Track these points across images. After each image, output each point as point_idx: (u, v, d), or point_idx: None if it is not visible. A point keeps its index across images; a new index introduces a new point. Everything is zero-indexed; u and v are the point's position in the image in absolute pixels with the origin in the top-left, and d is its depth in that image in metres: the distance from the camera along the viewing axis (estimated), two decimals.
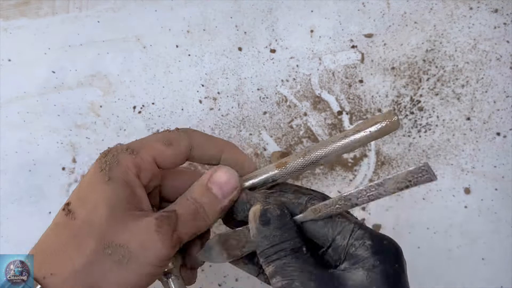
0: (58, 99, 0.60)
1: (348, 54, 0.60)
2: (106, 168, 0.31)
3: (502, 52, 0.58)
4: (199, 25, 0.61)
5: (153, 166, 0.33)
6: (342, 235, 0.30)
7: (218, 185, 0.33)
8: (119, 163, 0.31)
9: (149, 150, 0.33)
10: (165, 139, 0.33)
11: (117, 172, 0.31)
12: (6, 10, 0.62)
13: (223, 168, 0.34)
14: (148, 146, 0.33)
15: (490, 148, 0.56)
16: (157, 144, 0.33)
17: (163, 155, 0.33)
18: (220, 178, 0.33)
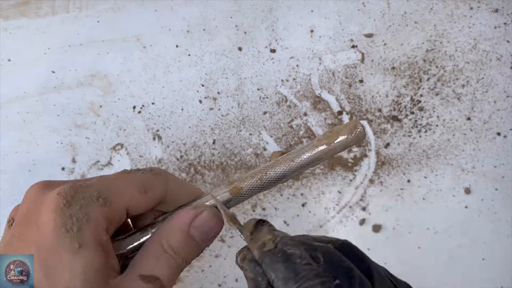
0: (58, 99, 0.60)
1: (348, 54, 0.59)
2: (73, 228, 0.24)
3: (503, 52, 0.58)
4: (199, 25, 0.61)
5: (123, 217, 0.28)
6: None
7: (201, 231, 0.28)
8: (89, 219, 0.25)
9: (122, 199, 0.27)
10: (141, 185, 0.28)
11: (88, 234, 0.25)
12: (6, 10, 0.62)
13: (208, 210, 0.29)
14: (121, 194, 0.27)
15: (491, 148, 0.56)
16: (132, 190, 0.28)
17: (137, 204, 0.28)
18: (205, 223, 0.28)
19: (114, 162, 0.58)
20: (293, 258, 0.24)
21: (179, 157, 0.58)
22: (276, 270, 0.24)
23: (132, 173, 0.29)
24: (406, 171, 0.56)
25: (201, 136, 0.58)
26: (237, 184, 0.30)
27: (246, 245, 0.27)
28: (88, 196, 0.26)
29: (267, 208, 0.56)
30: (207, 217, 0.29)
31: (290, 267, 0.24)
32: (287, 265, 0.24)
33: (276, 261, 0.24)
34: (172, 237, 0.28)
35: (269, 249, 0.25)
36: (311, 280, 0.23)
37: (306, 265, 0.24)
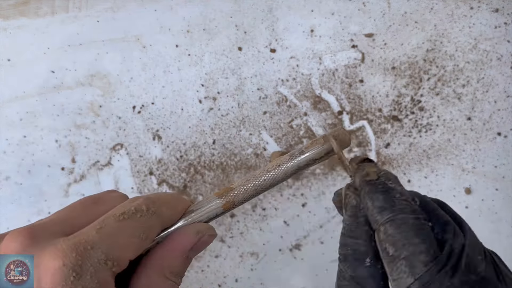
0: (57, 99, 0.60)
1: (348, 53, 0.59)
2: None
3: (503, 52, 0.58)
4: (199, 24, 0.61)
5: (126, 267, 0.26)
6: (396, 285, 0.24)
7: (198, 251, 0.28)
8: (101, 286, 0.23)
9: (128, 253, 0.25)
10: (142, 232, 0.26)
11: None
12: (6, 10, 0.62)
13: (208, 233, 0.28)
14: (126, 248, 0.25)
15: (491, 148, 0.56)
16: (135, 241, 0.26)
17: (139, 251, 0.26)
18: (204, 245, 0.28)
19: (114, 162, 0.58)
20: (392, 192, 0.25)
21: (179, 157, 0.58)
22: (374, 198, 0.25)
23: (131, 218, 0.26)
24: (406, 171, 0.56)
25: (201, 136, 0.58)
26: (230, 199, 0.30)
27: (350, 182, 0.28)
28: (96, 262, 0.23)
29: (267, 208, 0.56)
30: (207, 240, 0.28)
31: (388, 198, 0.25)
32: (385, 196, 0.25)
33: (375, 191, 0.25)
34: (174, 262, 0.27)
35: (371, 178, 0.26)
36: (406, 214, 0.24)
37: (404, 200, 0.24)
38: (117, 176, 0.58)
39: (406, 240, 0.23)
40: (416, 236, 0.23)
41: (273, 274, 0.55)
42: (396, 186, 0.25)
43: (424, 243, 0.23)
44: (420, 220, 0.24)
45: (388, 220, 0.24)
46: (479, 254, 0.24)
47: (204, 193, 0.57)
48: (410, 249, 0.23)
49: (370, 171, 0.26)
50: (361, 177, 0.26)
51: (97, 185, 0.58)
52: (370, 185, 0.26)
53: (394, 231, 0.23)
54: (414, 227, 0.23)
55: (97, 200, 0.28)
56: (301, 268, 0.55)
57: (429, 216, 0.25)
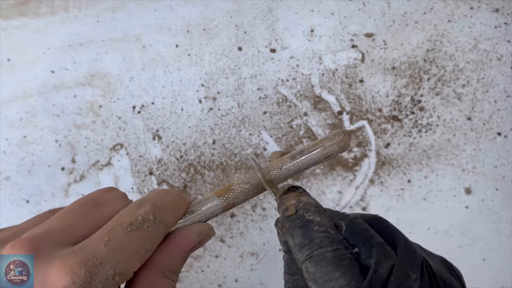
0: (57, 99, 0.60)
1: (348, 53, 0.59)
2: None
3: (503, 52, 0.58)
4: (199, 24, 0.61)
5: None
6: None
7: (196, 249, 0.28)
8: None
9: (134, 265, 0.25)
10: (149, 245, 0.26)
11: None
12: (5, 9, 0.62)
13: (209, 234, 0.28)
14: (133, 260, 0.25)
15: (491, 148, 0.56)
16: (142, 252, 0.26)
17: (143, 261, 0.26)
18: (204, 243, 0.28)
19: (114, 162, 0.58)
20: (310, 225, 0.24)
21: (179, 157, 0.58)
22: (293, 235, 0.24)
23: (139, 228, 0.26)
24: (406, 171, 0.56)
25: (201, 136, 0.58)
26: (230, 201, 0.30)
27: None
28: (104, 277, 0.23)
29: (267, 208, 0.56)
30: (207, 241, 0.28)
31: (306, 233, 0.24)
32: (303, 232, 0.24)
33: (294, 227, 0.25)
34: (174, 262, 0.27)
35: (289, 214, 0.25)
36: (324, 248, 0.23)
37: (323, 232, 0.24)
38: (117, 176, 0.58)
39: (327, 276, 0.22)
40: (336, 269, 0.22)
41: (273, 274, 0.55)
42: (315, 217, 0.25)
43: (344, 276, 0.22)
44: (339, 251, 0.23)
45: (307, 258, 0.23)
46: (413, 272, 0.23)
47: (204, 193, 0.57)
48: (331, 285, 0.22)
49: (289, 205, 0.26)
50: (282, 212, 0.26)
51: (97, 185, 0.58)
52: (290, 221, 0.25)
53: (314, 268, 0.23)
54: (333, 260, 0.23)
55: (97, 202, 0.27)
56: None
57: (356, 241, 0.24)
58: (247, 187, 0.30)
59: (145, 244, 0.25)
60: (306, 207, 0.25)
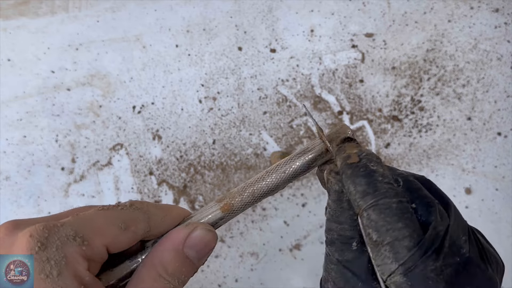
0: (57, 99, 0.60)
1: (348, 53, 0.59)
2: (53, 272, 0.23)
3: (503, 52, 0.58)
4: (199, 24, 0.61)
5: (104, 255, 0.26)
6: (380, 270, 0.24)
7: (197, 250, 0.27)
8: (67, 261, 0.24)
9: (102, 237, 0.26)
10: (121, 222, 0.26)
11: (69, 277, 0.23)
12: (6, 10, 0.62)
13: (201, 227, 0.28)
14: (101, 232, 0.26)
15: (491, 148, 0.56)
16: (112, 228, 0.26)
17: (118, 241, 0.26)
18: (200, 241, 0.27)
19: (114, 162, 0.58)
20: (375, 175, 0.24)
21: (179, 157, 0.58)
22: (356, 183, 0.24)
23: (111, 209, 0.27)
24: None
25: (201, 136, 0.58)
26: (228, 201, 0.29)
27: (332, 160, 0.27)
28: (64, 236, 0.24)
29: (267, 208, 0.56)
30: (201, 234, 0.27)
31: (371, 182, 0.24)
32: (368, 180, 0.24)
33: (357, 175, 0.24)
34: (166, 259, 0.27)
35: (352, 161, 0.25)
36: (389, 198, 0.23)
37: (387, 184, 0.24)
38: (117, 176, 0.58)
39: (390, 226, 0.23)
40: (399, 221, 0.23)
41: (273, 274, 0.55)
42: (379, 168, 0.25)
43: (407, 228, 0.22)
44: (403, 204, 0.23)
45: (371, 206, 0.23)
46: (463, 235, 0.24)
47: (204, 193, 0.57)
48: (394, 234, 0.22)
49: (351, 153, 0.26)
50: (342, 159, 0.26)
51: (97, 185, 0.58)
52: (352, 169, 0.25)
53: (377, 217, 0.23)
54: (397, 212, 0.23)
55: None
56: (301, 268, 0.55)
57: (412, 198, 0.24)
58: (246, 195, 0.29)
59: (116, 221, 0.26)
60: (369, 157, 0.25)
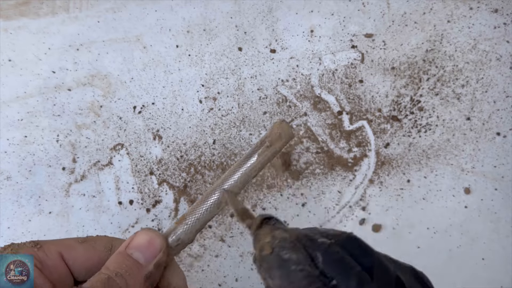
0: (58, 99, 0.60)
1: (348, 54, 0.60)
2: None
3: (502, 52, 0.58)
4: (199, 25, 0.61)
5: (59, 264, 0.28)
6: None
7: (139, 249, 0.28)
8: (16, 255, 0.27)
9: (56, 244, 0.28)
10: (80, 238, 0.29)
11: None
12: (6, 10, 0.62)
13: (143, 230, 0.30)
14: (57, 242, 0.28)
15: (490, 148, 0.56)
16: (69, 240, 0.29)
17: (73, 252, 0.28)
18: (139, 241, 0.29)
19: (115, 162, 0.59)
20: (288, 264, 0.24)
21: (179, 157, 0.58)
22: (272, 275, 0.24)
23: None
24: (406, 171, 0.56)
25: (201, 136, 0.59)
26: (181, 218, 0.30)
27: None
28: (22, 243, 0.27)
29: (267, 208, 0.56)
30: (141, 235, 0.29)
31: (284, 274, 0.24)
32: (281, 272, 0.24)
33: (271, 267, 0.24)
34: (110, 260, 0.28)
35: (266, 254, 0.25)
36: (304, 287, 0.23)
37: (301, 271, 0.23)
38: (117, 176, 0.58)
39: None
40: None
41: None
42: (291, 255, 0.24)
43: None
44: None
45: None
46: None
47: (204, 192, 0.57)
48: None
49: (264, 243, 0.25)
50: (258, 251, 0.26)
51: (98, 185, 0.58)
52: (266, 261, 0.25)
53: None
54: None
55: None
56: None
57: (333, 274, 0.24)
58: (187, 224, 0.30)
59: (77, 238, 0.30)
60: (281, 244, 0.25)
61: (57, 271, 0.28)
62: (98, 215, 0.57)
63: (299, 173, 0.57)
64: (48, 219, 0.57)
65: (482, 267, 0.54)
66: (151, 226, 0.57)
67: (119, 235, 0.57)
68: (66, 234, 0.57)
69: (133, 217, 0.57)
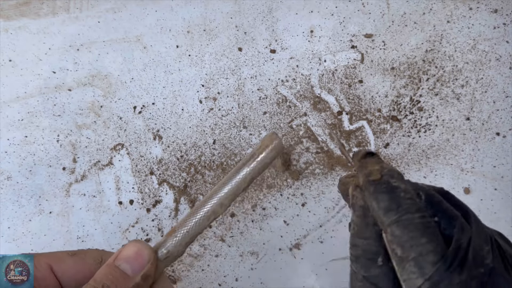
0: (58, 99, 0.60)
1: (348, 54, 0.60)
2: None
3: (502, 52, 0.58)
4: (199, 25, 0.61)
5: (48, 276, 0.29)
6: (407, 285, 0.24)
7: (126, 261, 0.28)
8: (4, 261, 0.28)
9: (46, 257, 0.29)
10: (71, 251, 0.30)
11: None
12: (7, 10, 0.62)
13: (132, 241, 0.30)
14: (47, 255, 0.29)
15: (490, 148, 0.56)
16: (59, 253, 0.29)
17: (63, 264, 0.29)
18: (127, 253, 0.29)
19: (115, 162, 0.59)
20: (397, 191, 0.25)
21: (179, 157, 0.58)
22: (379, 199, 0.25)
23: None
24: (405, 171, 0.57)
25: (201, 136, 0.59)
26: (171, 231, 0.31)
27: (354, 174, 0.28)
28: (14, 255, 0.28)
29: (267, 208, 0.57)
30: (129, 247, 0.29)
31: (393, 198, 0.24)
32: (390, 196, 0.24)
33: (380, 191, 0.25)
34: (99, 272, 0.28)
35: (374, 178, 0.26)
36: (412, 214, 0.23)
37: (409, 199, 0.24)
38: (118, 176, 0.58)
39: (413, 241, 0.23)
40: (423, 236, 0.23)
41: (273, 273, 0.55)
42: (400, 184, 0.25)
43: (431, 242, 0.23)
44: (426, 219, 0.24)
45: (394, 222, 0.24)
46: (486, 244, 0.24)
47: (204, 192, 0.57)
48: (418, 249, 0.23)
49: (373, 170, 0.26)
50: (364, 176, 0.26)
51: (98, 185, 0.58)
52: (374, 185, 0.25)
53: (401, 233, 0.23)
54: (420, 227, 0.23)
55: None
56: (301, 268, 0.55)
57: (434, 211, 0.25)
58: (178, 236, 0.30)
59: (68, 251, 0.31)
60: (390, 173, 0.26)
61: (46, 283, 0.28)
62: (98, 215, 0.57)
63: (299, 173, 0.57)
64: (49, 219, 0.57)
65: None
66: (151, 226, 0.57)
67: (119, 235, 0.57)
68: (66, 234, 0.57)
69: (133, 217, 0.57)
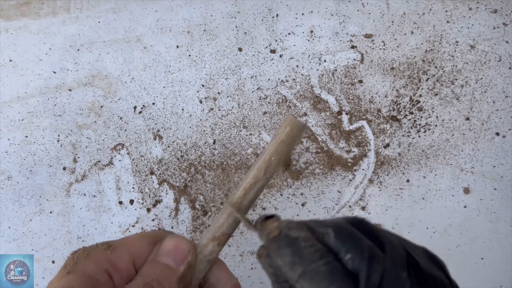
0: (59, 99, 0.60)
1: (347, 54, 0.60)
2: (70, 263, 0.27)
3: (502, 53, 0.58)
4: (199, 25, 0.61)
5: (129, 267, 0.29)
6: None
7: (167, 254, 0.29)
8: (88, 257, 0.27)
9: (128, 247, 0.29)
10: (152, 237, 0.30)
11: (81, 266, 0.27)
12: (7, 10, 0.62)
13: (168, 237, 0.30)
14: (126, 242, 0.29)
15: (489, 148, 0.57)
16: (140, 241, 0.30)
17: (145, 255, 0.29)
18: (167, 247, 0.30)
19: (115, 162, 0.59)
20: (297, 242, 0.24)
21: (179, 157, 0.58)
22: (282, 255, 0.24)
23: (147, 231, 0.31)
24: (405, 171, 0.57)
25: (201, 136, 0.59)
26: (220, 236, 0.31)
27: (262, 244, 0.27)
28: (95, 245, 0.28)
29: (267, 208, 0.57)
30: (167, 241, 0.30)
31: (295, 250, 0.24)
32: (292, 249, 0.24)
33: (281, 246, 0.25)
34: (143, 268, 0.29)
35: (274, 235, 0.25)
36: (316, 262, 0.23)
37: (311, 247, 0.24)
38: (118, 176, 0.58)
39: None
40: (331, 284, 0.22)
41: None
42: (300, 233, 0.24)
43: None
44: (331, 264, 0.23)
45: (301, 275, 0.23)
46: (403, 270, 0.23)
47: (205, 192, 0.57)
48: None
49: (271, 228, 0.26)
50: (265, 237, 0.26)
51: (98, 185, 0.58)
52: (275, 242, 0.25)
53: (309, 285, 0.23)
54: (327, 275, 0.22)
55: None
56: None
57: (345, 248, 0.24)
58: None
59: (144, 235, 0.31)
60: (288, 226, 0.25)
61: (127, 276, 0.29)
62: (98, 214, 0.57)
63: (299, 173, 0.57)
64: (49, 219, 0.57)
65: (481, 267, 0.55)
66: (151, 226, 0.57)
67: (119, 235, 0.57)
68: (66, 234, 0.57)
69: (134, 216, 0.57)
